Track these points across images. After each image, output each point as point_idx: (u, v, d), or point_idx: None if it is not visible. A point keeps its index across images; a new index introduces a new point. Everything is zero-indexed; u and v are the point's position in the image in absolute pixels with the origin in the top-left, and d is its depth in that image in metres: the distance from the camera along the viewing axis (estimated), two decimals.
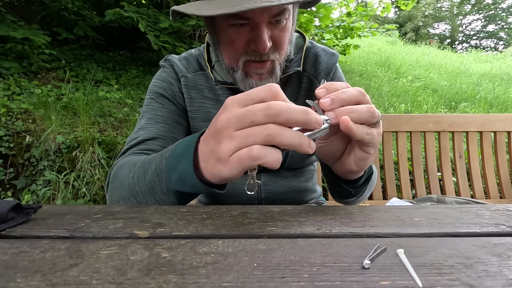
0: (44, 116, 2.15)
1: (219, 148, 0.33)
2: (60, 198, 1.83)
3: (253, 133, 0.31)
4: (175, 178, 0.41)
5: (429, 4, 26.85)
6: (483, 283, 0.23)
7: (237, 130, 0.32)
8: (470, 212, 0.38)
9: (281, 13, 0.55)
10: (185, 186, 0.40)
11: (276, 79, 0.62)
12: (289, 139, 0.31)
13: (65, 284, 0.22)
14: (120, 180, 0.51)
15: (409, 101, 3.51)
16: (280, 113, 0.31)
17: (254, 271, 0.24)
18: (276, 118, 0.31)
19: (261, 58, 0.57)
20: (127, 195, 0.48)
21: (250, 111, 0.31)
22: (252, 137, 0.31)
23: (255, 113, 0.31)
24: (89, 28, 3.32)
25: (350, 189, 0.51)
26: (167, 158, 0.42)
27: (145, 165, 0.46)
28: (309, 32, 3.68)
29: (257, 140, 0.31)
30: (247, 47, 0.57)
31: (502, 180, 1.38)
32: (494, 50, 22.14)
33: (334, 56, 0.71)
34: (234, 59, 0.59)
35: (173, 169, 0.41)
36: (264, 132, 0.31)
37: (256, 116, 0.31)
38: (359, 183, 0.50)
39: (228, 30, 0.56)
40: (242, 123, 0.32)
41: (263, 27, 0.54)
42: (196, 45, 3.07)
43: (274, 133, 0.31)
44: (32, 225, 0.33)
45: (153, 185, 0.44)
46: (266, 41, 0.54)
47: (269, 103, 0.31)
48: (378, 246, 0.28)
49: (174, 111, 0.67)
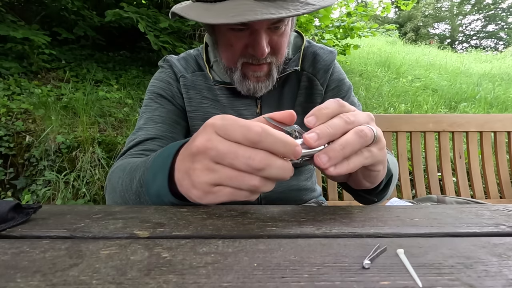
0: (44, 116, 2.15)
1: (194, 174, 0.32)
2: (60, 198, 1.83)
3: (238, 180, 0.30)
4: (153, 193, 0.40)
5: (429, 4, 26.85)
6: (483, 283, 0.23)
7: (215, 163, 0.31)
8: (470, 212, 0.38)
9: (280, 21, 0.55)
10: (163, 201, 0.39)
11: (273, 82, 0.62)
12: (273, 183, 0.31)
13: (65, 284, 0.22)
14: (112, 185, 0.51)
15: (409, 101, 3.51)
16: (262, 169, 0.29)
17: (254, 271, 0.24)
18: (256, 172, 0.30)
19: (258, 61, 0.58)
20: (120, 201, 0.48)
21: (232, 153, 0.29)
22: (237, 182, 0.30)
23: (237, 157, 0.29)
24: (89, 28, 3.32)
25: (372, 197, 0.49)
26: (148, 169, 0.41)
27: (131, 172, 0.46)
28: (309, 32, 3.68)
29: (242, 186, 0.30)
30: (245, 51, 0.57)
31: (502, 180, 1.38)
32: (494, 50, 22.14)
33: (332, 54, 0.72)
34: (232, 61, 0.60)
35: (151, 183, 0.40)
36: (250, 183, 0.30)
37: (235, 162, 0.29)
38: (379, 189, 0.47)
39: (227, 34, 0.57)
40: (220, 159, 0.30)
41: (262, 33, 0.54)
42: (196, 45, 3.07)
43: (260, 185, 0.30)
44: (32, 225, 0.33)
45: (139, 195, 0.43)
46: (264, 47, 0.54)
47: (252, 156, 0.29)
48: (378, 246, 0.28)
49: (173, 111, 0.67)
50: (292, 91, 0.70)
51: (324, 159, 0.32)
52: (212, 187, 0.32)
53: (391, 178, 0.49)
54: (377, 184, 0.43)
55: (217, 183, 0.31)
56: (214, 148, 0.30)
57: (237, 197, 0.32)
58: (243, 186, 0.30)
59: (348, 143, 0.32)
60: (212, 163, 0.31)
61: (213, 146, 0.30)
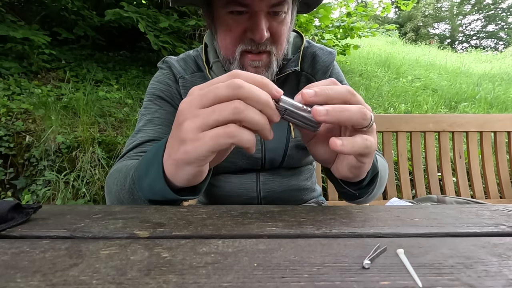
0: (44, 116, 2.15)
1: (181, 129, 0.33)
2: (60, 198, 1.83)
3: (220, 108, 0.31)
4: (146, 186, 0.40)
5: (429, 4, 26.85)
6: (483, 283, 0.23)
7: (201, 107, 0.32)
8: (470, 212, 0.38)
9: (280, 4, 0.54)
10: (156, 194, 0.39)
11: (272, 74, 0.61)
12: (254, 117, 0.31)
13: (65, 284, 0.22)
14: (109, 186, 0.52)
15: (409, 101, 3.51)
16: (242, 86, 0.30)
17: (254, 271, 0.24)
18: (237, 90, 0.30)
19: (257, 48, 0.57)
20: (116, 201, 0.49)
21: (214, 86, 0.31)
22: (219, 111, 0.31)
23: (218, 87, 0.31)
24: (89, 28, 3.33)
25: (354, 191, 0.46)
26: (140, 164, 0.42)
27: (126, 172, 0.47)
28: (309, 32, 3.68)
29: (224, 113, 0.31)
30: (244, 36, 0.57)
31: (502, 180, 1.38)
32: (494, 50, 22.13)
33: (331, 55, 0.71)
34: (231, 48, 0.59)
35: (144, 176, 0.40)
36: (231, 105, 0.30)
37: (218, 90, 0.31)
38: (362, 184, 0.45)
39: (226, 18, 0.56)
40: (204, 99, 0.32)
41: (261, 16, 0.54)
42: (196, 45, 3.07)
43: (241, 107, 0.30)
44: (32, 225, 0.33)
45: (132, 192, 0.44)
46: (263, 30, 0.54)
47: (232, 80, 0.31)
48: (378, 246, 0.28)
49: (172, 113, 0.67)
50: (291, 91, 0.70)
51: (322, 111, 0.32)
52: (198, 133, 0.32)
53: (376, 175, 0.47)
54: (360, 179, 0.42)
55: (204, 123, 0.31)
56: (197, 96, 0.32)
57: (222, 136, 0.31)
58: (225, 111, 0.31)
59: (348, 109, 0.32)
60: (196, 110, 0.32)
61: (196, 95, 0.32)
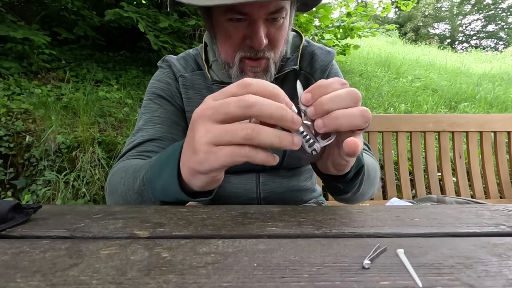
0: (44, 116, 2.15)
1: (195, 139, 0.33)
2: (60, 198, 1.83)
3: (232, 130, 0.31)
4: (159, 188, 0.40)
5: (429, 4, 26.84)
6: (483, 283, 0.23)
7: (213, 122, 0.32)
8: (470, 212, 0.38)
9: (279, 11, 0.55)
10: (168, 196, 0.40)
11: (271, 78, 0.62)
12: (266, 141, 0.31)
13: (65, 284, 0.22)
14: (113, 186, 0.52)
15: (409, 101, 3.51)
16: (253, 105, 0.30)
17: (254, 271, 0.24)
18: (249, 110, 0.30)
19: (256, 54, 0.57)
20: (121, 201, 0.49)
21: (225, 102, 0.32)
22: (231, 135, 0.31)
23: (229, 104, 0.31)
24: (89, 28, 3.32)
25: (339, 184, 0.47)
26: (152, 166, 0.42)
27: (135, 172, 0.47)
28: (309, 32, 3.68)
29: (236, 138, 0.31)
30: (243, 43, 0.57)
31: (502, 180, 1.38)
32: (494, 50, 22.14)
33: (330, 54, 0.71)
34: (230, 54, 0.59)
35: (157, 178, 0.41)
36: (242, 133, 0.30)
37: (229, 107, 0.31)
38: (346, 178, 0.45)
39: (225, 25, 0.56)
40: (216, 114, 0.32)
41: (260, 24, 0.54)
42: (196, 45, 3.07)
43: (253, 133, 0.30)
44: (32, 225, 0.33)
45: (142, 193, 0.44)
46: (262, 38, 0.54)
47: (243, 96, 0.31)
48: (378, 246, 0.28)
49: (172, 112, 0.67)
50: (290, 90, 0.70)
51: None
52: (212, 146, 0.32)
53: (361, 169, 0.47)
54: (344, 173, 0.43)
55: (216, 141, 0.32)
56: (209, 107, 0.32)
57: (237, 156, 0.31)
58: (236, 136, 0.31)
59: (350, 113, 0.32)
60: (209, 123, 0.32)
61: (209, 106, 0.33)
